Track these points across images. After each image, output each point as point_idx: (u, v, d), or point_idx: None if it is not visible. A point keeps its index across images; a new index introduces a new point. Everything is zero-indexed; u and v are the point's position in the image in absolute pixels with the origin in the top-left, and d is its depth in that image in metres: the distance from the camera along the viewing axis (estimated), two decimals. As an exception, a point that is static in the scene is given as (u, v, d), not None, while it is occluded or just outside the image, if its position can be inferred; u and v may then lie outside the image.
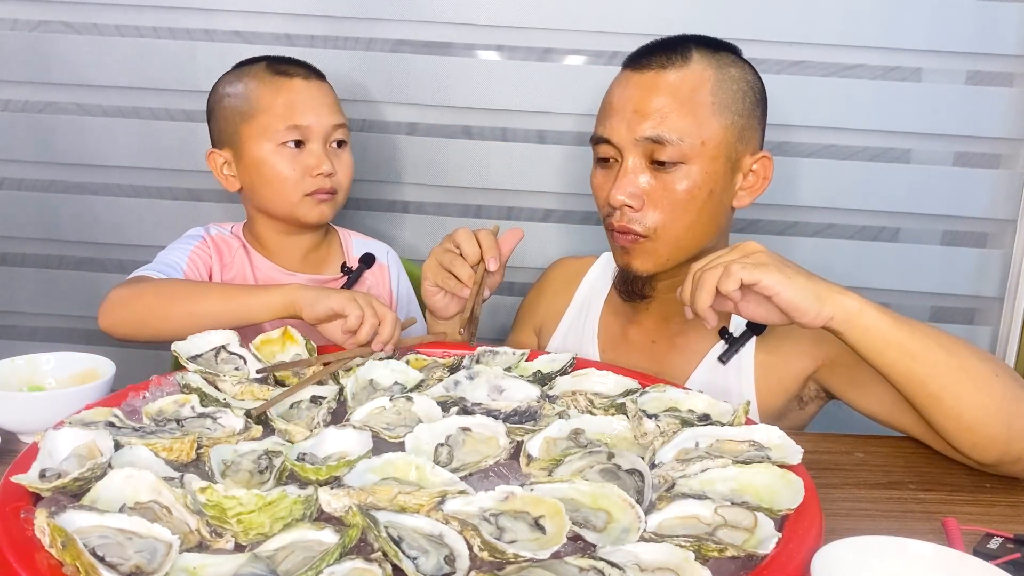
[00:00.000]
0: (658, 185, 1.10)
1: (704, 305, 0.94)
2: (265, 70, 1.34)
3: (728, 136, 1.10)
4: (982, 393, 0.91)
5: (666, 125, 1.08)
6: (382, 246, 1.51)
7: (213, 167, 1.38)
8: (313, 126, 1.32)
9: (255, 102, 1.32)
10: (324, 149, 1.34)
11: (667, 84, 1.10)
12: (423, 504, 0.70)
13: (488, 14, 1.62)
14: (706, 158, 1.09)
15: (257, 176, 1.34)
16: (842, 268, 1.67)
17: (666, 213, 1.11)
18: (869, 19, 1.59)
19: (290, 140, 1.31)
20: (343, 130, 1.37)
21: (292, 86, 1.33)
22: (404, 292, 1.51)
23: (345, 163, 1.38)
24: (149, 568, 0.62)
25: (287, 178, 1.32)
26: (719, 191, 1.12)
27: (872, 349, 0.92)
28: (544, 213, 1.72)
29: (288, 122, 1.31)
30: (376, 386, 1.02)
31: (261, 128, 1.31)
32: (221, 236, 1.42)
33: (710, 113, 1.09)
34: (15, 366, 1.09)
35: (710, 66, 1.11)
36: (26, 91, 1.67)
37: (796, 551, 0.67)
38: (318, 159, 1.32)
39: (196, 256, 1.36)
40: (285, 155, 1.32)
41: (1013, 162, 1.65)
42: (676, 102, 1.09)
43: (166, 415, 0.90)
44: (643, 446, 0.87)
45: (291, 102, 1.32)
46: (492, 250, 1.13)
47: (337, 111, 1.36)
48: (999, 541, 0.83)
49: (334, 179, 1.35)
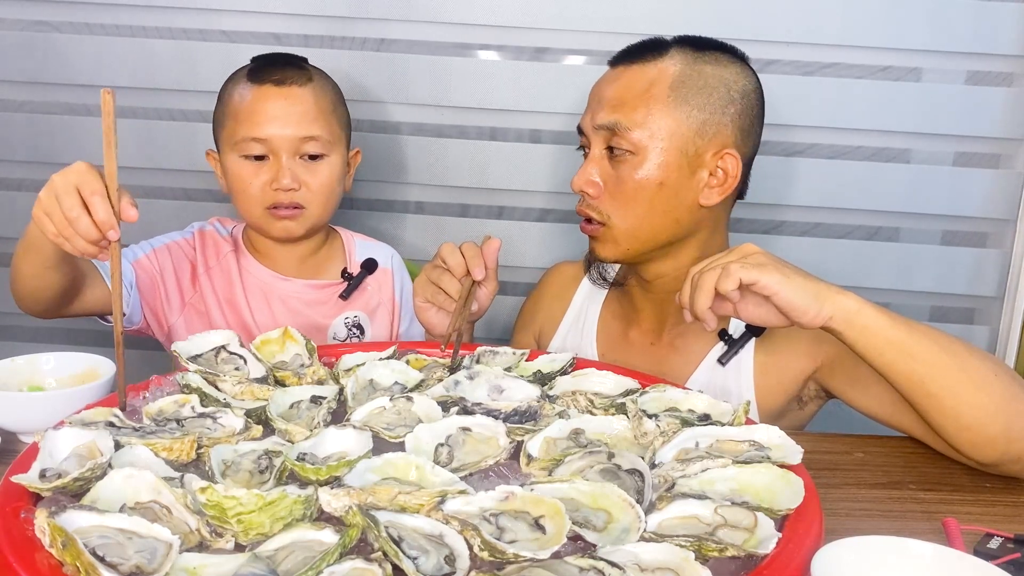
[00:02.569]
0: (613, 174, 1.14)
1: (703, 307, 0.94)
2: (246, 74, 1.30)
3: (683, 129, 1.11)
4: (981, 393, 0.91)
5: (619, 114, 1.12)
6: (386, 249, 1.49)
7: (213, 167, 1.38)
8: (274, 139, 1.26)
9: (227, 108, 1.30)
10: (292, 162, 1.27)
11: (628, 77, 1.14)
12: (423, 504, 0.70)
13: (488, 14, 1.62)
14: (657, 149, 1.11)
15: (228, 185, 1.33)
16: (841, 268, 1.68)
17: (619, 202, 1.14)
18: (869, 19, 1.59)
19: (251, 153, 1.27)
20: (315, 143, 1.28)
21: (261, 94, 1.27)
22: (408, 295, 1.48)
23: (318, 176, 1.30)
24: (149, 568, 0.62)
25: (245, 190, 1.29)
26: (672, 184, 1.12)
27: (871, 349, 0.93)
28: (544, 213, 1.72)
29: (249, 133, 1.26)
30: (376, 386, 1.02)
31: (229, 136, 1.29)
32: (215, 236, 1.41)
33: (664, 106, 1.10)
34: (15, 366, 1.09)
35: (680, 62, 1.12)
36: (25, 91, 1.67)
37: (796, 551, 0.67)
38: (276, 173, 1.27)
39: (168, 251, 1.34)
40: (247, 167, 1.28)
41: (1012, 162, 1.65)
42: (631, 93, 1.12)
43: (166, 415, 0.90)
44: (643, 446, 0.87)
45: (255, 112, 1.26)
46: (476, 260, 1.12)
47: (310, 122, 1.28)
48: (999, 541, 0.83)
49: (299, 194, 1.28)
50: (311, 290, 1.41)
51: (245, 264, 1.40)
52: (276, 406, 0.93)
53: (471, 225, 1.73)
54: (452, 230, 1.73)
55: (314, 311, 1.40)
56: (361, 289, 1.42)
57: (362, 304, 1.43)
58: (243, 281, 1.39)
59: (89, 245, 0.92)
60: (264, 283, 1.39)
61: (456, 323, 1.11)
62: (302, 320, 1.38)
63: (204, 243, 1.39)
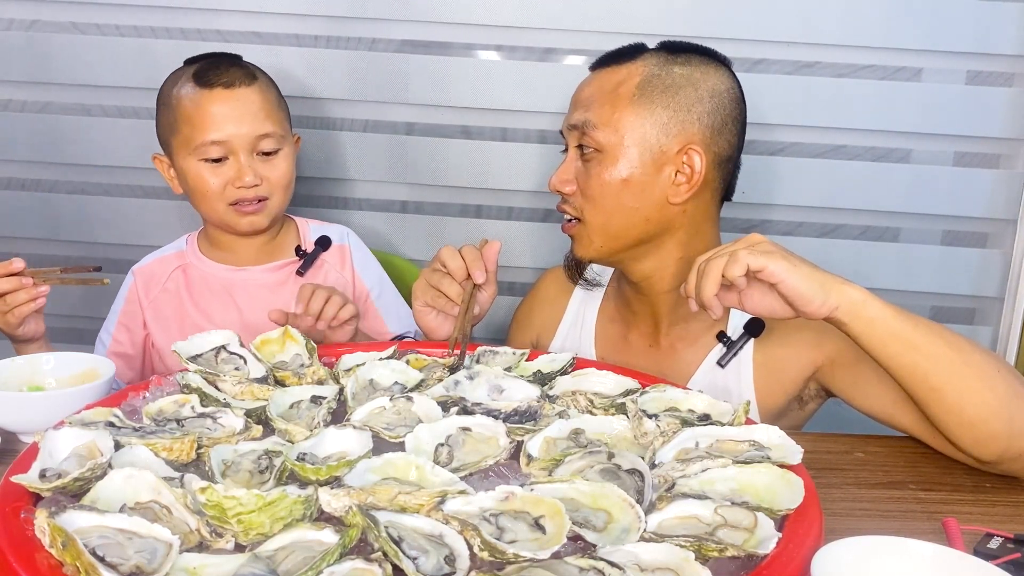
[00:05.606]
0: (583, 172, 1.16)
1: (710, 293, 0.94)
2: (190, 79, 1.33)
3: (646, 128, 1.12)
4: (985, 388, 0.91)
5: (586, 113, 1.14)
6: (339, 228, 1.52)
7: (160, 170, 1.40)
8: (232, 139, 1.30)
9: (178, 113, 1.32)
10: (250, 159, 1.32)
11: (600, 78, 1.17)
12: (423, 504, 0.70)
13: (488, 14, 1.62)
14: (621, 147, 1.12)
15: (187, 187, 1.36)
16: (842, 268, 1.64)
17: (588, 200, 1.16)
18: (869, 19, 1.58)
19: (209, 157, 1.31)
20: (270, 140, 1.34)
21: (212, 97, 1.30)
22: (375, 273, 1.50)
23: (276, 170, 1.35)
24: (149, 568, 0.62)
25: (208, 190, 1.33)
26: (637, 181, 1.13)
27: (876, 340, 0.92)
28: (543, 213, 1.72)
29: (207, 136, 1.30)
30: (376, 386, 1.02)
31: (184, 141, 1.32)
32: (151, 267, 1.44)
33: (629, 104, 1.12)
34: (15, 366, 1.09)
35: (651, 64, 1.14)
36: (26, 91, 1.67)
37: (796, 551, 0.67)
38: (239, 171, 1.31)
39: (121, 324, 1.43)
40: (207, 168, 1.32)
41: (1013, 162, 1.65)
42: (600, 93, 1.15)
43: (166, 415, 0.90)
44: (643, 446, 0.87)
45: (209, 115, 1.30)
46: (476, 263, 1.13)
47: (263, 119, 1.33)
48: (999, 541, 0.83)
49: (261, 188, 1.34)
50: (268, 273, 1.43)
51: (196, 271, 1.43)
52: (276, 406, 0.93)
53: (470, 225, 1.73)
54: (451, 230, 1.73)
55: (276, 296, 1.41)
56: (317, 266, 1.45)
57: (321, 281, 1.43)
58: (190, 292, 1.42)
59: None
60: (222, 279, 1.42)
61: (461, 327, 1.11)
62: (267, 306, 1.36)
63: (143, 283, 1.43)
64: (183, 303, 1.43)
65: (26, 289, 1.16)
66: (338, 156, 1.70)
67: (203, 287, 1.43)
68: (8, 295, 1.16)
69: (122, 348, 1.43)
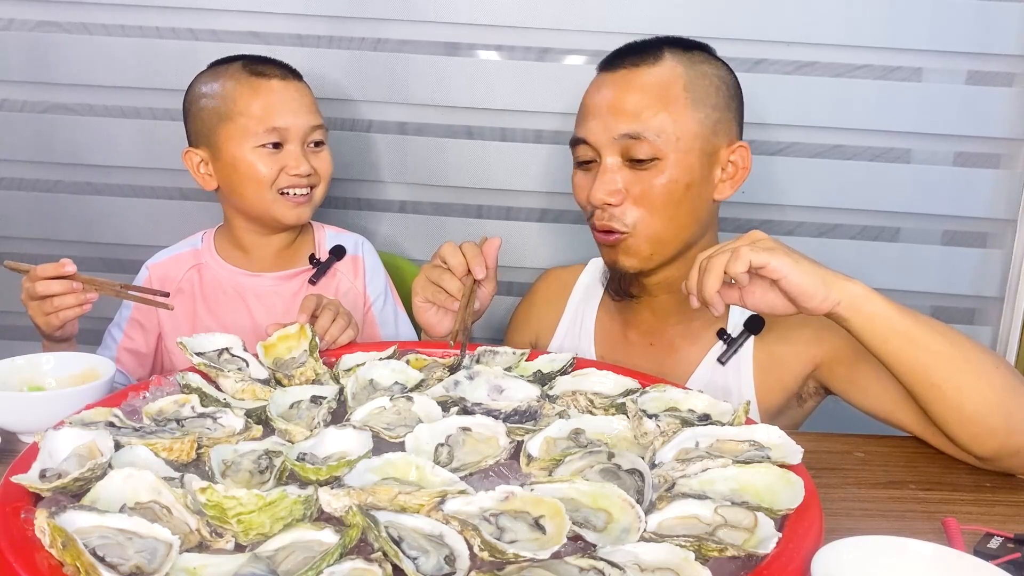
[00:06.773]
0: (636, 182, 1.12)
1: (712, 289, 0.94)
2: (242, 70, 1.34)
3: (703, 130, 1.12)
4: (984, 385, 0.91)
5: (641, 121, 1.10)
6: (355, 237, 1.52)
7: (189, 166, 1.39)
8: (291, 128, 1.33)
9: (232, 103, 1.33)
10: (302, 149, 1.35)
11: (640, 82, 1.12)
12: (423, 504, 0.70)
13: (488, 14, 1.62)
14: (681, 152, 1.11)
15: (234, 175, 1.35)
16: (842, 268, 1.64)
17: (645, 209, 1.13)
18: (870, 19, 1.59)
19: (268, 142, 1.33)
20: (321, 131, 1.38)
21: (270, 87, 1.33)
22: (381, 284, 1.50)
23: (324, 162, 1.39)
24: (149, 568, 0.62)
25: (263, 177, 1.34)
26: (696, 184, 1.13)
27: (877, 336, 0.93)
28: (543, 213, 1.72)
29: (266, 124, 1.32)
30: (376, 386, 1.02)
31: (240, 129, 1.32)
32: (166, 265, 1.44)
33: (684, 107, 1.11)
34: (15, 366, 1.09)
35: (681, 63, 1.13)
36: (26, 91, 1.67)
37: (796, 551, 0.67)
38: (296, 160, 1.34)
39: (135, 320, 1.42)
40: (263, 156, 1.33)
41: (1013, 162, 1.65)
42: (650, 98, 1.11)
43: (166, 415, 0.90)
44: (643, 446, 0.87)
45: (269, 104, 1.33)
46: (477, 259, 1.12)
47: (314, 112, 1.37)
48: (999, 541, 0.83)
49: (312, 179, 1.37)
50: (282, 281, 1.43)
51: (209, 272, 1.43)
52: (276, 406, 0.93)
53: (470, 225, 1.73)
54: (451, 230, 1.73)
55: (289, 304, 1.41)
56: (330, 275, 1.45)
57: (331, 290, 1.44)
58: (203, 293, 1.42)
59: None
60: (236, 284, 1.42)
61: (463, 320, 1.12)
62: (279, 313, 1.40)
63: (160, 278, 1.43)
64: (196, 305, 1.42)
65: (75, 294, 1.15)
66: (338, 156, 1.70)
67: (216, 290, 1.42)
68: (56, 298, 1.14)
69: (134, 345, 1.43)
